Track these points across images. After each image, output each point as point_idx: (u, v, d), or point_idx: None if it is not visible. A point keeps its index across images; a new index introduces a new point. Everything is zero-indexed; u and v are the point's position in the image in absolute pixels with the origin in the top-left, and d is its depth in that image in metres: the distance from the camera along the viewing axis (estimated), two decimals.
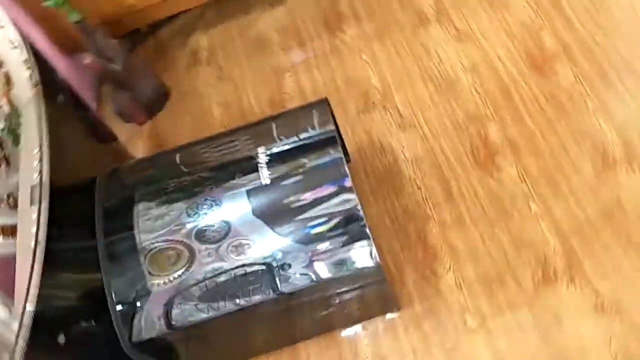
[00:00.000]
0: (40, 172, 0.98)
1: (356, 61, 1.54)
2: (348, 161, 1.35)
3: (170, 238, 1.04)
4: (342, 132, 1.29)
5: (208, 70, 1.65)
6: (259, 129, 1.18)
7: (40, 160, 0.99)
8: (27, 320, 0.85)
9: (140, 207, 1.08)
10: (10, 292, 0.88)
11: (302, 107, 1.21)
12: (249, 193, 1.04)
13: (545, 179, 1.25)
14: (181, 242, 1.03)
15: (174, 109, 1.61)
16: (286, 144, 1.09)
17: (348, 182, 1.01)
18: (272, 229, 1.01)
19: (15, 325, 0.84)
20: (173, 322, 1.04)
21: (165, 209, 1.06)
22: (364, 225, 0.99)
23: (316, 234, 1.01)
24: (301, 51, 1.60)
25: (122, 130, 1.56)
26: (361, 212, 1.00)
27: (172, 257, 1.04)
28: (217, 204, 1.05)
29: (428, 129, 1.38)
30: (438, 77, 1.45)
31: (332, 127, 1.09)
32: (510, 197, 1.25)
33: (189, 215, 1.05)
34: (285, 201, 1.03)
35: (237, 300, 1.02)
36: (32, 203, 0.95)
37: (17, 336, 0.83)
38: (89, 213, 1.10)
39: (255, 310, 1.03)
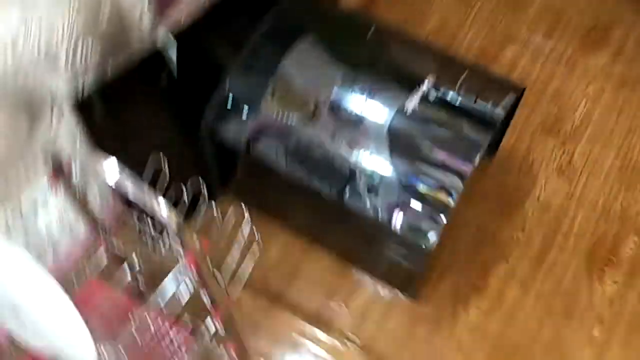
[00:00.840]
0: None
1: (577, 85, 1.40)
2: (491, 154, 1.28)
3: (309, 87, 1.04)
4: (508, 129, 1.20)
5: None
6: (447, 64, 1.11)
7: None
8: None
9: (302, 45, 1.08)
10: None
11: (499, 79, 1.13)
12: (397, 111, 1.00)
13: None
14: (316, 97, 1.03)
15: None
16: (457, 96, 1.03)
17: (468, 170, 0.96)
18: (390, 154, 0.99)
19: None
20: (252, 150, 1.06)
21: (324, 62, 1.06)
22: (447, 214, 0.95)
23: (417, 190, 0.97)
24: (548, 41, 1.47)
25: None
26: (453, 203, 0.95)
27: (298, 101, 1.04)
28: (368, 96, 1.02)
29: (582, 192, 1.26)
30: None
31: (501, 115, 1.01)
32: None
33: (340, 84, 1.03)
34: (418, 142, 0.99)
35: (310, 178, 1.03)
36: None
37: None
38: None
39: (314, 195, 1.03)
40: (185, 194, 0.83)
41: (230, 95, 1.08)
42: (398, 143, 0.99)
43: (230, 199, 1.25)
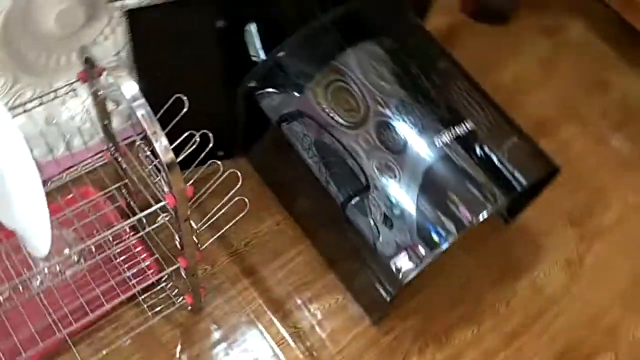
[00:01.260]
0: None
1: (621, 189, 1.36)
2: (508, 219, 1.25)
3: (365, 93, 1.03)
4: (534, 202, 1.18)
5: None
6: (499, 119, 1.09)
7: None
8: None
9: (370, 46, 1.07)
10: None
11: (540, 151, 1.09)
12: (441, 156, 0.99)
13: None
14: (368, 107, 1.02)
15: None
16: (493, 151, 1.01)
17: (468, 221, 0.95)
18: (418, 195, 0.97)
19: None
20: (283, 127, 1.07)
21: (388, 73, 1.04)
22: (434, 255, 0.94)
23: (429, 236, 0.96)
24: (613, 133, 1.44)
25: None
26: (443, 247, 0.94)
27: (349, 104, 1.03)
28: (419, 129, 1.01)
29: (580, 292, 1.22)
30: None
31: (524, 186, 0.99)
32: None
33: (397, 105, 1.02)
34: (445, 189, 0.98)
35: (326, 177, 1.03)
36: None
37: None
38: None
39: (322, 194, 1.03)
40: (193, 140, 0.85)
41: (280, 65, 1.08)
42: (429, 187, 0.98)
43: (245, 164, 1.27)
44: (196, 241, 0.89)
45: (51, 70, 0.98)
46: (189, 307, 1.11)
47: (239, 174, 0.89)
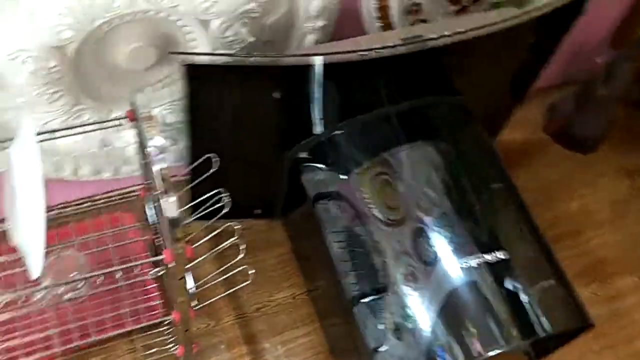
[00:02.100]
0: None
1: None
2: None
3: (409, 196, 0.98)
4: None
5: None
6: (544, 257, 1.00)
7: None
8: None
9: (427, 147, 1.03)
10: None
11: (576, 302, 1.00)
12: (468, 281, 0.92)
13: None
14: (409, 211, 0.97)
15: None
16: (525, 289, 0.94)
17: (473, 355, 0.88)
18: (438, 314, 0.91)
19: None
20: (319, 204, 1.05)
21: (438, 180, 1.00)
22: None
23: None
24: None
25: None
26: None
27: (391, 201, 0.99)
28: (455, 247, 0.94)
29: None
30: None
31: (548, 333, 0.92)
32: None
33: (439, 217, 0.96)
34: (465, 320, 0.91)
35: (345, 266, 1.00)
36: None
37: None
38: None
39: (335, 281, 1.00)
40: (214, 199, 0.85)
41: (334, 143, 1.07)
42: (449, 309, 0.92)
43: (280, 228, 1.26)
44: (190, 300, 0.88)
45: (112, 99, 1.02)
46: (180, 359, 1.09)
47: (241, 247, 0.86)
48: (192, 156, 0.99)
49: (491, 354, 0.90)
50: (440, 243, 0.95)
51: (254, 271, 0.88)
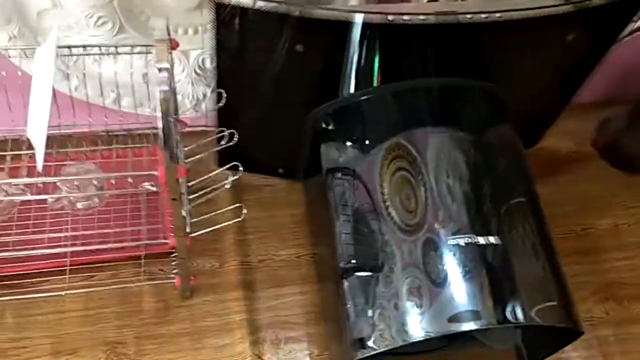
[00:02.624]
0: None
1: None
2: None
3: (429, 202, 0.93)
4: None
5: None
6: (544, 269, 0.96)
7: None
8: None
9: (452, 141, 1.00)
10: None
11: (570, 308, 0.97)
12: None
13: None
14: (425, 218, 0.92)
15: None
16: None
17: None
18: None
19: None
20: (333, 178, 1.03)
21: (457, 192, 0.94)
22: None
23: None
24: None
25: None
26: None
27: (409, 203, 0.94)
28: (461, 265, 0.89)
29: None
30: None
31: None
32: None
33: (455, 232, 0.90)
34: None
35: (349, 246, 0.98)
36: None
37: None
38: None
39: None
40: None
41: (359, 108, 1.06)
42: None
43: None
44: (184, 225, 0.93)
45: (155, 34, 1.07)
46: (182, 289, 1.14)
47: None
48: (218, 102, 1.03)
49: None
50: (451, 265, 0.89)
51: (246, 211, 0.92)
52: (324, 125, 1.09)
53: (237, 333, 1.13)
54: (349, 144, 1.05)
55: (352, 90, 1.06)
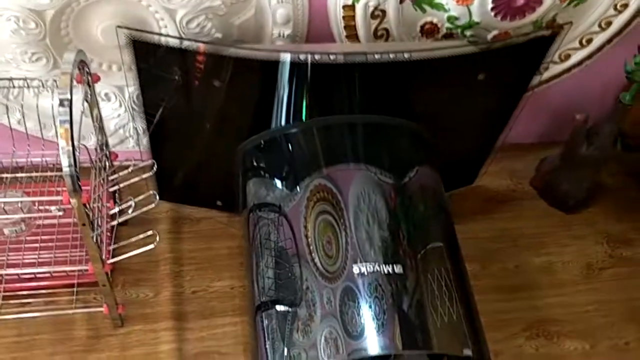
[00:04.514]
0: None
1: None
2: None
3: (349, 248, 0.92)
4: None
5: None
6: (457, 316, 0.94)
7: None
8: None
9: (374, 183, 1.00)
10: None
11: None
12: None
13: None
14: (345, 265, 0.92)
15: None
16: None
17: None
18: None
19: None
20: (258, 214, 1.04)
21: (375, 237, 0.95)
22: None
23: None
24: None
25: None
26: None
27: (330, 249, 0.94)
28: (376, 319, 0.88)
29: None
30: None
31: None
32: None
33: (372, 282, 0.89)
34: None
35: (259, 268, 1.00)
36: None
37: None
38: None
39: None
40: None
41: (287, 140, 1.09)
42: None
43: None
44: (101, 253, 0.96)
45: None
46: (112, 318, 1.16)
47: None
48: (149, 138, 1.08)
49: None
50: (367, 318, 0.89)
51: (157, 234, 0.96)
52: (251, 160, 1.13)
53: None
54: (275, 180, 1.08)
55: (275, 125, 1.10)
